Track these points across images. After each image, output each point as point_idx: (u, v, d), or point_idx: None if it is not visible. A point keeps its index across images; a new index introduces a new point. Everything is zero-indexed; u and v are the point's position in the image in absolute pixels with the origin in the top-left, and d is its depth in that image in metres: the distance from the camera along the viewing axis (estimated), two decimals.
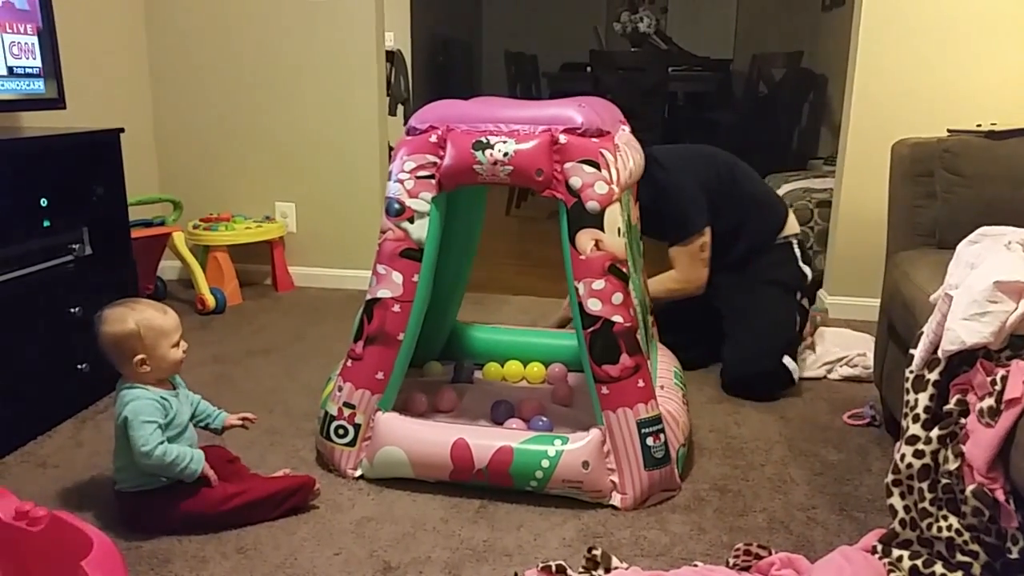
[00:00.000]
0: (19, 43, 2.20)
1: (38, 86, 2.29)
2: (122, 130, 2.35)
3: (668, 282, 2.43)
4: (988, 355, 1.37)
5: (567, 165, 1.68)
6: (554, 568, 1.45)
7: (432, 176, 1.77)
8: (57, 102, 2.36)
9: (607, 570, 1.47)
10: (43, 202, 2.07)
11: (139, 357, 1.60)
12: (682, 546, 1.61)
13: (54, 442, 2.02)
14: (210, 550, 1.57)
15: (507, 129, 1.72)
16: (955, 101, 2.80)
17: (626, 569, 1.48)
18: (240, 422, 1.78)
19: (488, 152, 1.70)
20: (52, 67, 2.33)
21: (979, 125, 2.32)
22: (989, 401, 1.30)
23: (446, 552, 1.58)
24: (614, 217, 1.68)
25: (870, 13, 2.86)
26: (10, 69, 2.18)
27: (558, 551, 1.58)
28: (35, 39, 2.26)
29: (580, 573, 1.47)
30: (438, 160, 1.76)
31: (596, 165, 1.67)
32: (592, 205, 1.67)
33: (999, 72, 2.80)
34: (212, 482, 1.63)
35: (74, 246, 2.18)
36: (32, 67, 2.26)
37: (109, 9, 3.08)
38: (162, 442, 1.57)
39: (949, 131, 2.30)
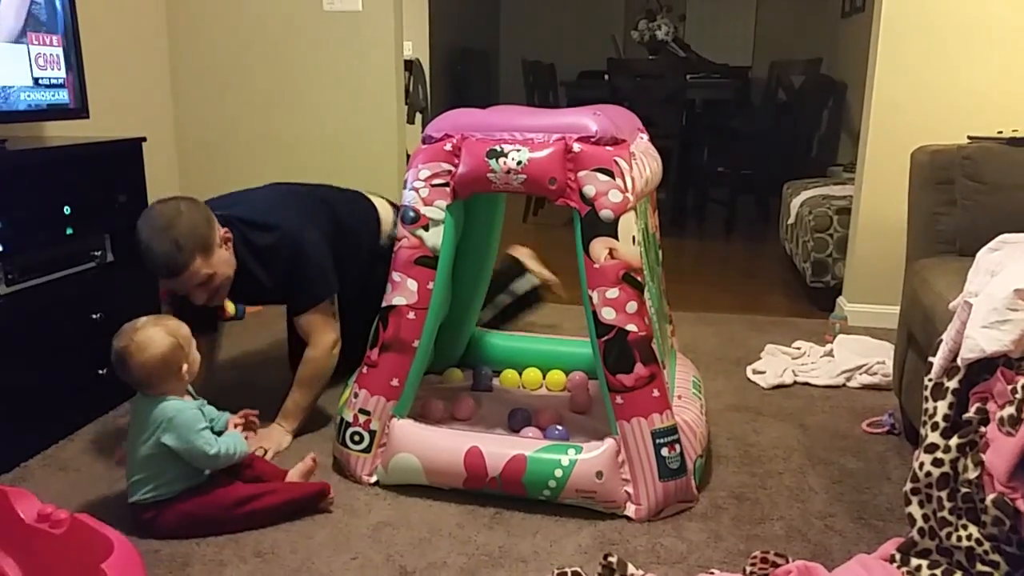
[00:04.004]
0: (44, 54, 2.24)
1: (62, 96, 2.32)
2: (144, 139, 2.38)
3: (323, 361, 2.06)
4: (1008, 363, 1.36)
5: (581, 173, 1.68)
6: (570, 574, 1.45)
7: (447, 184, 1.78)
8: (81, 112, 2.40)
9: None
10: (66, 210, 2.10)
11: (183, 367, 1.64)
12: (699, 554, 1.60)
13: (75, 446, 2.05)
14: (228, 554, 1.58)
15: (521, 137, 1.73)
16: (975, 108, 2.78)
17: None
18: (242, 420, 1.80)
19: (502, 160, 1.71)
20: (76, 77, 2.37)
21: (1000, 132, 2.31)
22: (1009, 410, 1.29)
23: (462, 558, 1.58)
24: (628, 225, 1.68)
25: (889, 20, 2.85)
26: (35, 80, 2.22)
27: (574, 558, 1.58)
28: (60, 50, 2.30)
29: None
30: (453, 168, 1.77)
31: (610, 173, 1.67)
32: (606, 213, 1.67)
33: (1020, 79, 2.78)
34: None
35: (96, 253, 2.21)
36: (57, 78, 2.30)
37: (132, 21, 3.12)
38: (217, 440, 1.64)
39: (969, 138, 2.29)
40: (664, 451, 1.70)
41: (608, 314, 1.69)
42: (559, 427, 1.96)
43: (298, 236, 2.00)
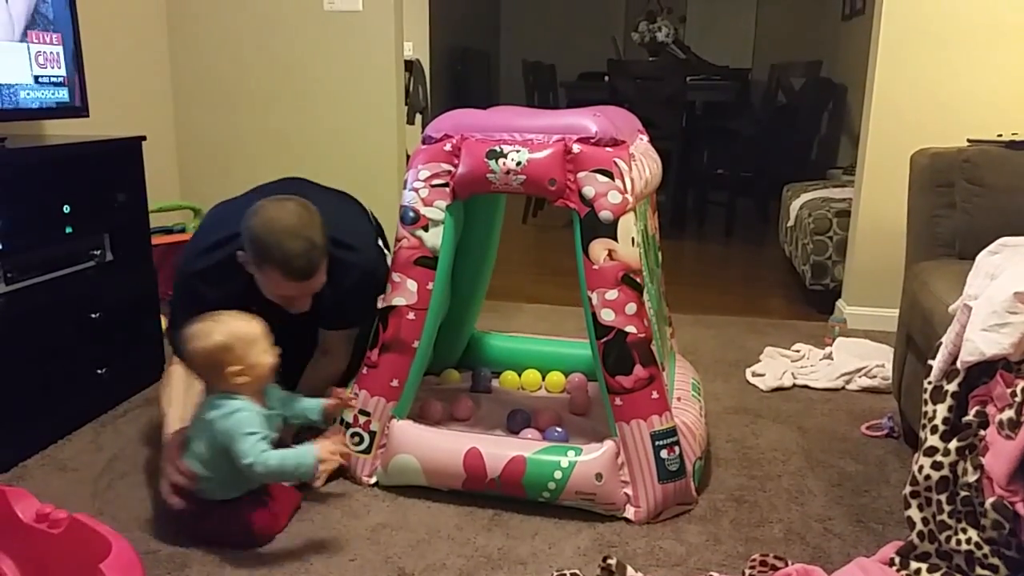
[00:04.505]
0: (45, 52, 2.24)
1: (62, 95, 2.32)
2: (144, 138, 2.38)
3: (335, 377, 1.99)
4: (1008, 366, 1.36)
5: (580, 174, 1.68)
6: None
7: (447, 184, 1.78)
8: (80, 110, 2.40)
9: None
10: (66, 209, 2.09)
11: (233, 368, 1.58)
12: (698, 556, 1.60)
13: (74, 446, 2.05)
14: (227, 555, 1.58)
15: (521, 138, 1.73)
16: (976, 111, 2.79)
17: None
18: (337, 401, 1.74)
19: (501, 161, 1.71)
20: (76, 76, 2.36)
21: (1000, 135, 2.31)
22: (1009, 413, 1.29)
23: (461, 559, 1.58)
24: (628, 227, 1.68)
25: (890, 22, 2.85)
26: (36, 78, 2.22)
27: (573, 560, 1.58)
28: (60, 48, 2.29)
29: None
30: (452, 168, 1.77)
31: (610, 175, 1.67)
32: (605, 215, 1.67)
33: (1020, 82, 2.78)
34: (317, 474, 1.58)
35: (96, 252, 2.21)
36: (57, 76, 2.29)
37: (132, 19, 3.12)
38: (265, 451, 1.55)
39: (969, 141, 2.29)
40: (663, 453, 1.70)
41: (607, 315, 1.69)
42: (558, 429, 1.95)
43: (373, 265, 1.93)
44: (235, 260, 1.77)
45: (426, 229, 1.80)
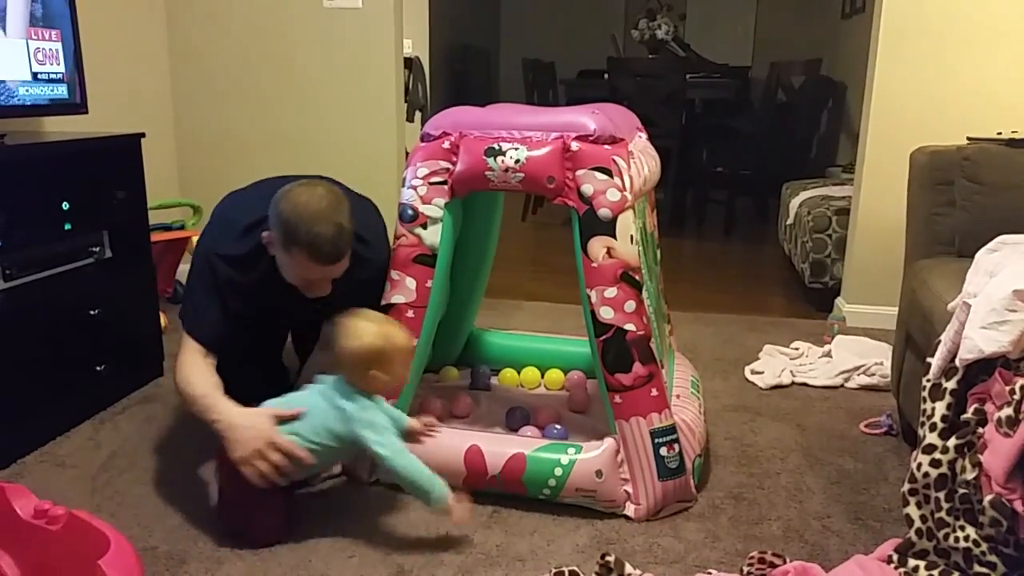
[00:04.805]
0: (44, 49, 2.24)
1: (61, 91, 2.32)
2: (143, 135, 2.38)
3: None
4: (1007, 364, 1.36)
5: (579, 172, 1.68)
6: (567, 574, 1.45)
7: (445, 182, 1.78)
8: (80, 107, 2.39)
9: None
10: (65, 205, 2.09)
11: (377, 373, 1.62)
12: (696, 554, 1.60)
13: (72, 442, 2.05)
14: (225, 551, 1.58)
15: (520, 136, 1.73)
16: (975, 109, 2.78)
17: None
18: (422, 427, 1.73)
19: (500, 159, 1.71)
20: (75, 72, 2.36)
21: (1000, 133, 2.31)
22: (1007, 411, 1.29)
23: (459, 556, 1.58)
24: (627, 224, 1.68)
25: (889, 21, 2.85)
26: (35, 74, 2.21)
27: (571, 557, 1.58)
28: (59, 45, 2.29)
29: None
30: (451, 166, 1.77)
31: (608, 172, 1.67)
32: (604, 212, 1.67)
33: (1020, 80, 2.78)
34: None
35: (95, 249, 2.21)
36: (56, 72, 2.29)
37: (131, 16, 3.12)
38: (403, 448, 1.60)
39: (969, 139, 2.29)
40: (663, 450, 1.70)
41: (606, 313, 1.69)
42: (558, 426, 1.95)
43: (388, 262, 1.90)
44: (262, 245, 1.78)
45: (425, 227, 1.80)
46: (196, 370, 1.74)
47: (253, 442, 1.58)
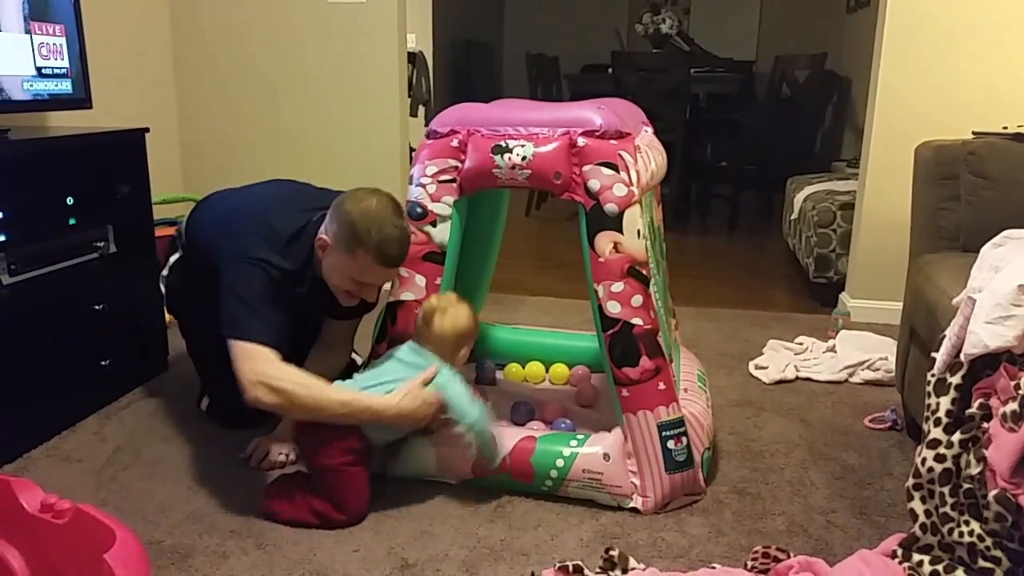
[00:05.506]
0: (48, 44, 2.24)
1: (66, 86, 2.32)
2: (147, 130, 2.38)
3: (338, 372, 1.97)
4: (1012, 359, 1.35)
5: (586, 168, 1.68)
6: (571, 568, 1.45)
7: (453, 180, 1.78)
8: (84, 102, 2.39)
9: (624, 571, 1.47)
10: (69, 200, 2.09)
11: (462, 353, 1.79)
12: (700, 548, 1.60)
13: (78, 436, 2.05)
14: (231, 546, 1.59)
15: (526, 132, 1.73)
16: (981, 103, 2.77)
17: (643, 570, 1.48)
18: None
19: (506, 156, 1.71)
20: (79, 68, 2.36)
21: (1005, 127, 2.30)
22: (1013, 406, 1.29)
23: (463, 550, 1.58)
24: (633, 219, 1.68)
25: (895, 15, 2.84)
26: (39, 70, 2.21)
27: (575, 551, 1.58)
28: (63, 40, 2.29)
29: (597, 573, 1.47)
30: (459, 164, 1.77)
31: (615, 167, 1.67)
32: (610, 207, 1.67)
33: None
34: None
35: (99, 244, 2.21)
36: (60, 67, 2.29)
37: (135, 11, 3.12)
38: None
39: (974, 133, 2.28)
40: (670, 444, 1.71)
41: (613, 308, 1.69)
42: (566, 421, 1.96)
43: None
44: (308, 259, 1.80)
45: (434, 225, 1.80)
46: (302, 377, 1.66)
47: (423, 420, 1.73)
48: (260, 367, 1.64)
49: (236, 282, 1.73)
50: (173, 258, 2.13)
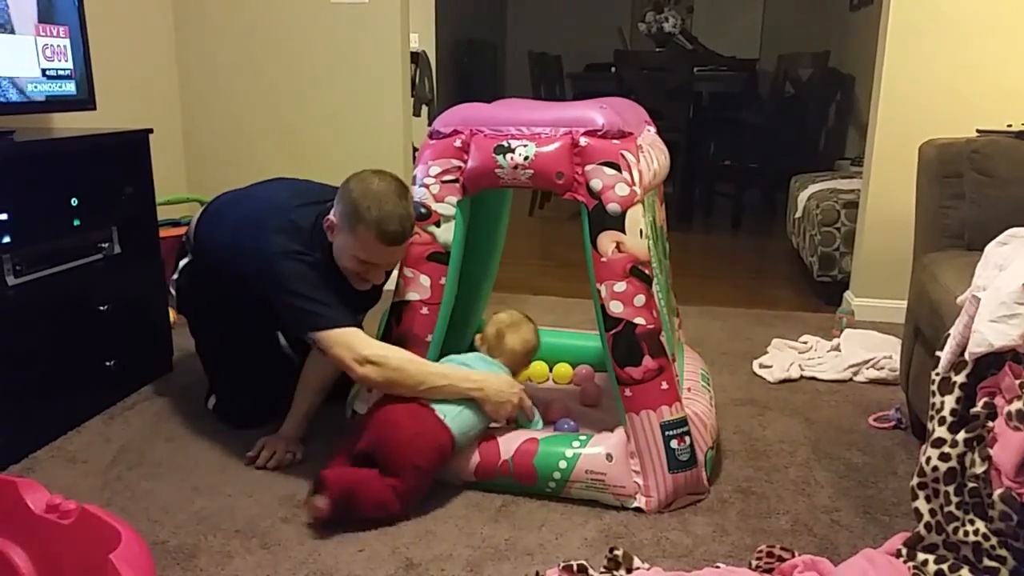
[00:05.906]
0: (52, 45, 2.24)
1: (69, 88, 2.33)
2: (151, 131, 2.38)
3: (330, 378, 2.00)
4: (1016, 358, 1.35)
5: (588, 167, 1.68)
6: (575, 568, 1.45)
7: (457, 180, 1.78)
8: (87, 103, 2.40)
9: (628, 570, 1.47)
10: (73, 201, 2.10)
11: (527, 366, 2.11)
12: (705, 547, 1.60)
13: (83, 437, 2.06)
14: (235, 545, 1.59)
15: (528, 132, 1.73)
16: (985, 101, 2.77)
17: (647, 570, 1.47)
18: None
19: (509, 156, 1.71)
20: (83, 69, 2.37)
21: (1010, 125, 2.30)
22: (1017, 404, 1.28)
23: (468, 550, 1.58)
24: (636, 219, 1.68)
25: (898, 13, 2.83)
26: (43, 71, 2.22)
27: (579, 551, 1.58)
28: (67, 41, 2.30)
29: (601, 573, 1.47)
30: (462, 164, 1.77)
31: (617, 167, 1.67)
32: (613, 207, 1.67)
33: None
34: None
35: (103, 245, 2.22)
36: (64, 69, 2.30)
37: (139, 12, 3.12)
38: None
39: (979, 131, 2.28)
40: (673, 443, 1.71)
41: (616, 307, 1.69)
42: (569, 420, 1.96)
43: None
44: (328, 249, 1.83)
45: (438, 225, 1.81)
46: (400, 351, 1.76)
47: (511, 408, 1.82)
48: (359, 348, 1.72)
49: (287, 281, 1.77)
50: (183, 262, 2.14)
